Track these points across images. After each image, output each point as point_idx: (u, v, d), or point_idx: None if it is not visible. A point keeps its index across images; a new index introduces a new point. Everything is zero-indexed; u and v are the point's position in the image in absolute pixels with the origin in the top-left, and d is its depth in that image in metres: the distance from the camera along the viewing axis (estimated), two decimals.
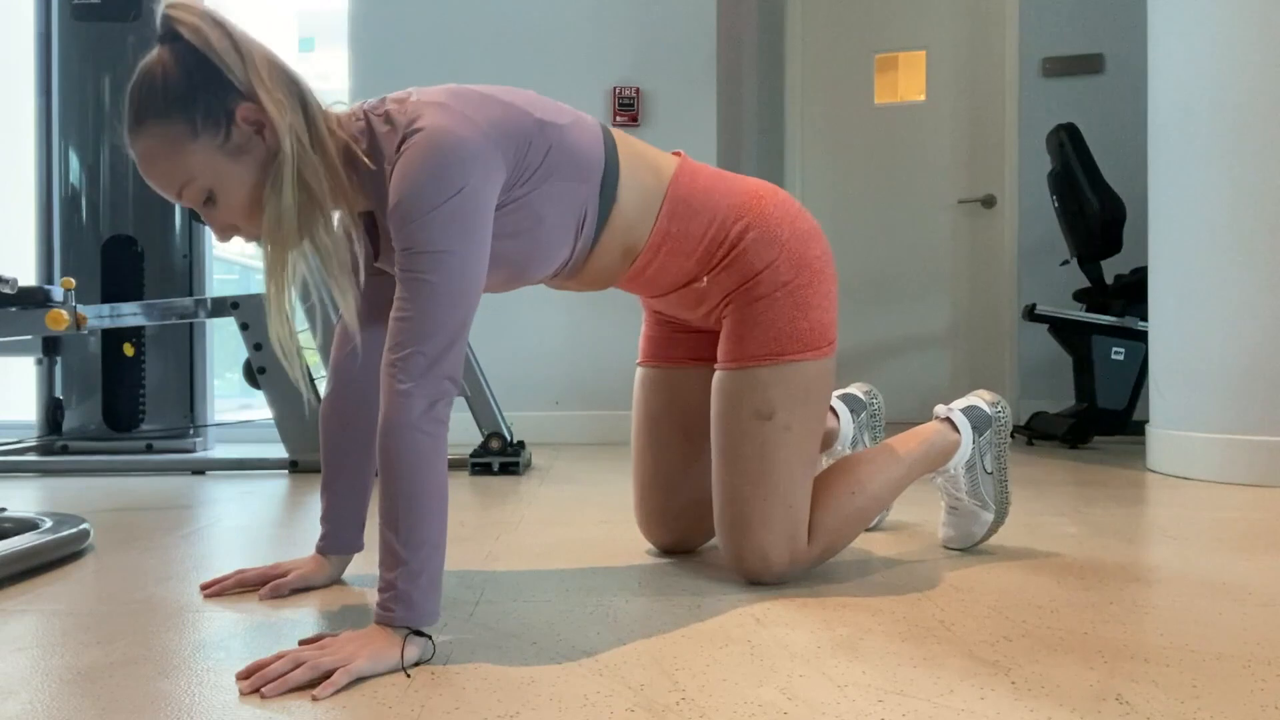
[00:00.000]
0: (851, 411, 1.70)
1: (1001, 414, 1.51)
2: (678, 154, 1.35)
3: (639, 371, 1.52)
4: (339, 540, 1.33)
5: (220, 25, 1.04)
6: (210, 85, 1.03)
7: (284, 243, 1.06)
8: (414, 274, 1.02)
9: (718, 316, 1.35)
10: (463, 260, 1.03)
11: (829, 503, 1.34)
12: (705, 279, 1.31)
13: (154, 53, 1.06)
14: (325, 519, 1.33)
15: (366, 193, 1.13)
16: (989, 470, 1.50)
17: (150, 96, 1.04)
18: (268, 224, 1.06)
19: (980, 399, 1.52)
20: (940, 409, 1.52)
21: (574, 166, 1.17)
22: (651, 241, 1.27)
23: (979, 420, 1.49)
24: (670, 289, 1.35)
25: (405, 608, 0.98)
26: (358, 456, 1.31)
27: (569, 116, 1.20)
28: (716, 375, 1.33)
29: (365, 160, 1.10)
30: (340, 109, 1.14)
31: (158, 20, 1.05)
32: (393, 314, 1.03)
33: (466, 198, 1.03)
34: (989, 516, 1.52)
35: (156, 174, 1.07)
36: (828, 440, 1.70)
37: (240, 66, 1.04)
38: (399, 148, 1.06)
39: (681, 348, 1.48)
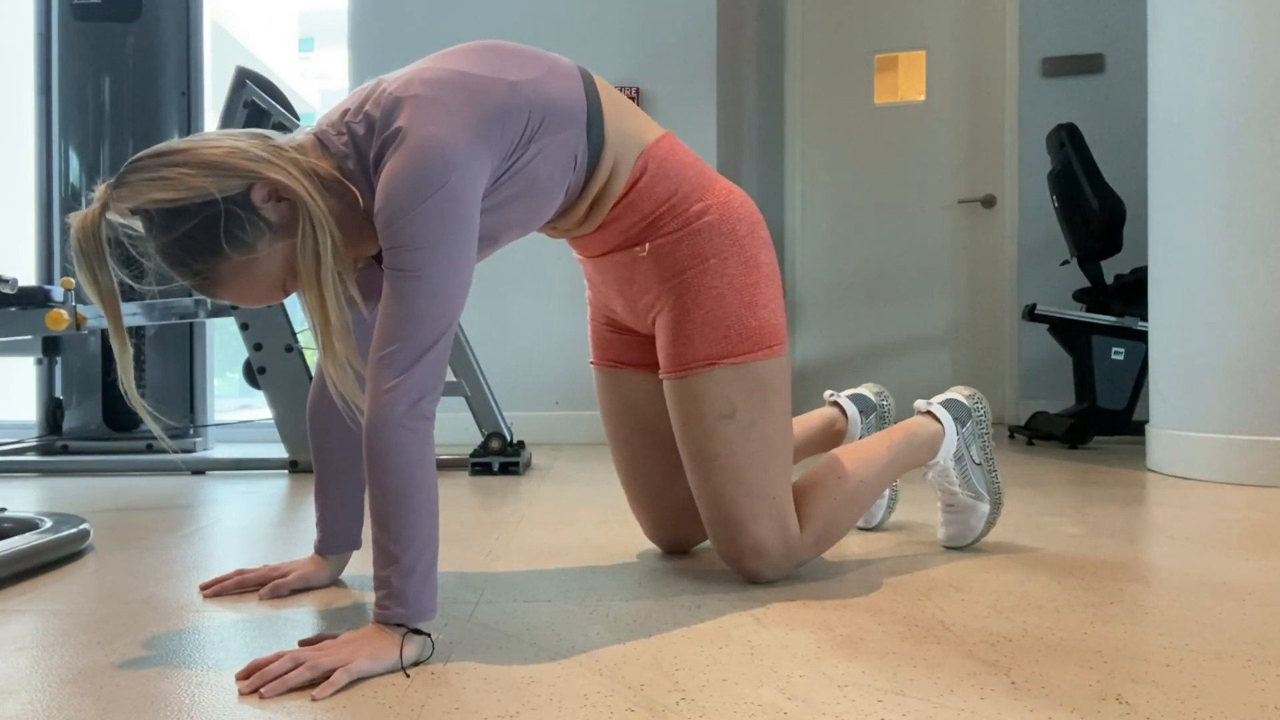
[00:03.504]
0: (861, 412, 1.70)
1: (979, 406, 1.53)
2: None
3: (593, 372, 1.52)
4: (336, 539, 1.33)
5: (164, 164, 1.00)
6: (212, 208, 1.00)
7: (334, 281, 1.04)
8: (399, 271, 1.02)
9: (649, 312, 1.33)
10: (447, 256, 1.02)
11: (817, 490, 1.35)
12: (647, 246, 1.28)
13: (147, 233, 1.02)
14: (320, 520, 1.33)
15: (368, 202, 1.12)
16: (977, 461, 1.52)
17: (191, 260, 1.02)
18: (319, 273, 1.03)
19: (958, 393, 1.55)
20: (920, 403, 1.54)
21: (557, 116, 1.16)
22: (620, 191, 1.25)
23: (959, 412, 1.52)
24: (612, 247, 1.32)
25: (401, 605, 0.98)
26: (346, 453, 1.31)
27: (543, 65, 1.17)
28: (667, 386, 1.31)
29: (352, 188, 1.08)
30: (302, 136, 1.11)
31: (115, 213, 1.01)
32: (379, 312, 1.03)
33: (450, 193, 1.02)
34: (985, 508, 1.53)
35: (256, 298, 1.08)
36: (835, 440, 1.70)
37: (210, 175, 1.00)
38: (380, 151, 1.05)
39: (613, 349, 1.46)
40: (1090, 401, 3.36)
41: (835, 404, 1.72)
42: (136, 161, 1.01)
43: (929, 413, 1.51)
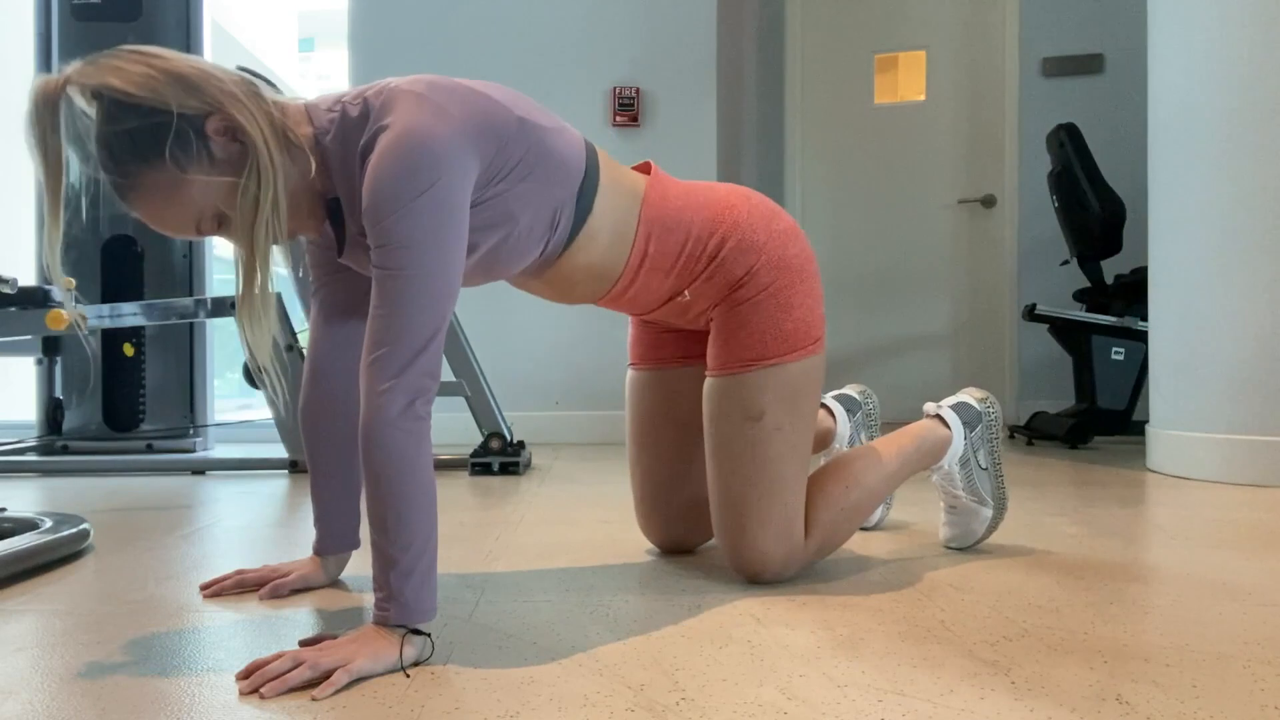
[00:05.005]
0: (847, 411, 1.71)
1: (990, 410, 1.52)
2: (647, 165, 1.35)
3: (630, 373, 1.52)
4: (334, 539, 1.33)
5: (136, 59, 0.99)
6: (163, 117, 0.99)
7: (266, 237, 1.04)
8: (388, 270, 1.00)
9: (706, 319, 1.36)
10: (437, 255, 1.01)
11: (824, 499, 1.35)
12: (688, 293, 1.32)
13: (96, 117, 1.00)
14: (318, 520, 1.33)
15: (333, 183, 1.11)
16: (983, 466, 1.51)
17: (124, 157, 0.99)
18: (253, 224, 1.03)
19: (969, 396, 1.54)
20: (930, 406, 1.53)
21: (552, 169, 1.15)
22: (630, 263, 1.26)
23: (969, 416, 1.51)
24: (655, 305, 1.35)
25: (400, 606, 0.98)
26: (340, 453, 1.30)
27: (554, 123, 1.18)
28: (707, 382, 1.34)
29: (312, 159, 1.07)
30: (300, 102, 1.12)
31: (73, 89, 0.99)
32: (370, 312, 1.02)
33: (439, 192, 1.01)
34: (988, 512, 1.53)
35: (168, 224, 1.05)
36: (825, 441, 1.70)
37: (177, 85, 0.99)
38: (370, 141, 1.04)
39: (669, 347, 1.48)
40: (1090, 401, 3.36)
41: (823, 405, 1.73)
42: (117, 49, 1.00)
43: (938, 416, 1.51)
